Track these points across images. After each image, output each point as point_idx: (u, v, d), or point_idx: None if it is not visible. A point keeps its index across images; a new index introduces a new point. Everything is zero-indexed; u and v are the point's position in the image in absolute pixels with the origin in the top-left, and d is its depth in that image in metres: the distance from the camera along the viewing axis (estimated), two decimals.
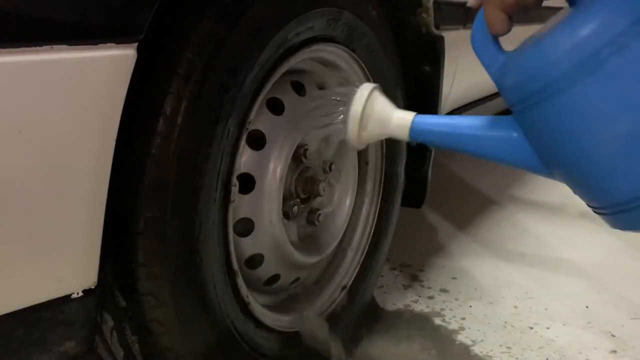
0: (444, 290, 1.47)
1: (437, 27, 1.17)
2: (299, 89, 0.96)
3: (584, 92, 0.57)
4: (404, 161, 1.23)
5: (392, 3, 1.13)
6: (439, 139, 0.70)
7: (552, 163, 0.63)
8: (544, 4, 0.63)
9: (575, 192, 0.65)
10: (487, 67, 0.66)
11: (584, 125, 0.58)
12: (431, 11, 1.14)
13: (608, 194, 0.61)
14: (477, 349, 1.23)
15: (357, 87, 0.72)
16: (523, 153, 0.64)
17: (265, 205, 0.87)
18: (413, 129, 0.69)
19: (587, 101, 0.57)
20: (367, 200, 1.17)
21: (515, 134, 0.64)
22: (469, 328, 1.31)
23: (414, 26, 1.16)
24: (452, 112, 1.46)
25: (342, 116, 0.72)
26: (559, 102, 0.58)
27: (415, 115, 0.70)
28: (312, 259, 1.01)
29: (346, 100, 0.72)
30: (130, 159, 0.66)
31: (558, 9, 0.65)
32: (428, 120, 0.70)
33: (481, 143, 0.67)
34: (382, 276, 1.38)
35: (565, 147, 0.60)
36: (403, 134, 0.70)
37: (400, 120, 0.70)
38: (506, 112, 0.67)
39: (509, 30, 0.62)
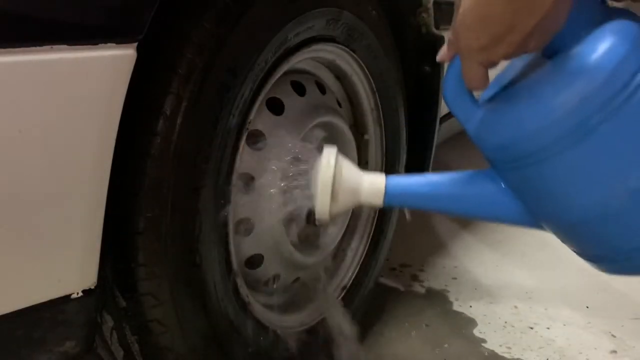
0: (444, 291, 1.47)
1: (437, 27, 1.17)
2: (299, 89, 0.96)
3: (572, 159, 0.54)
4: (404, 161, 1.23)
5: (392, 3, 1.13)
6: (416, 202, 0.65)
7: (540, 219, 0.61)
8: None
9: (569, 246, 0.63)
10: (463, 123, 0.62)
11: (573, 189, 0.56)
12: (431, 11, 1.14)
13: (598, 247, 0.59)
14: (477, 349, 1.23)
15: (318, 153, 0.64)
16: (508, 208, 0.61)
17: (265, 205, 0.87)
18: (388, 194, 0.64)
19: (576, 167, 0.54)
20: None
21: (497, 189, 0.61)
22: (468, 328, 1.31)
23: (414, 26, 1.16)
24: None
25: (306, 189, 0.66)
26: (546, 167, 0.55)
27: (386, 179, 0.64)
28: (312, 259, 1.01)
29: (307, 168, 0.65)
30: (130, 159, 0.66)
31: None
32: (402, 182, 0.65)
33: (463, 202, 0.63)
34: (382, 276, 1.38)
35: (554, 208, 0.58)
36: (377, 201, 0.64)
37: (372, 186, 0.64)
38: None
39: (486, 86, 0.59)
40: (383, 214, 1.20)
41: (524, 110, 0.56)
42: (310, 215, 1.00)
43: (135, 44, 0.59)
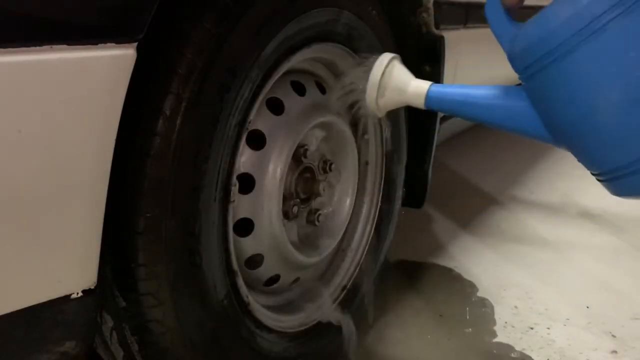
0: (444, 291, 1.47)
1: (437, 27, 1.17)
2: (299, 89, 0.96)
3: (584, 58, 0.59)
4: (404, 161, 1.23)
5: (392, 3, 1.13)
6: (453, 107, 0.74)
7: (556, 130, 0.66)
8: None
9: (578, 159, 0.67)
10: (498, 38, 0.69)
11: (584, 91, 0.61)
12: (431, 11, 1.14)
13: (607, 158, 0.63)
14: (477, 349, 1.23)
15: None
16: (531, 122, 0.67)
17: (265, 205, 0.87)
18: (429, 97, 0.73)
19: (587, 67, 0.60)
20: (367, 200, 1.17)
21: (523, 104, 0.67)
22: (468, 328, 1.31)
23: (414, 26, 1.16)
24: None
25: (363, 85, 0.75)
26: (561, 67, 0.61)
27: (430, 85, 0.74)
28: (312, 259, 1.01)
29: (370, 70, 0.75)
30: (130, 159, 0.66)
31: None
32: (444, 89, 0.74)
33: (493, 112, 0.71)
34: (381, 276, 1.38)
35: (568, 112, 0.63)
36: (419, 102, 0.74)
37: (417, 88, 0.74)
38: None
39: (521, 2, 0.66)
40: (383, 215, 1.20)
41: (545, 13, 0.63)
42: (310, 215, 1.01)
43: (135, 44, 0.59)
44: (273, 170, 0.87)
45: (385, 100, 0.74)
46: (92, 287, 0.64)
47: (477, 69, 1.44)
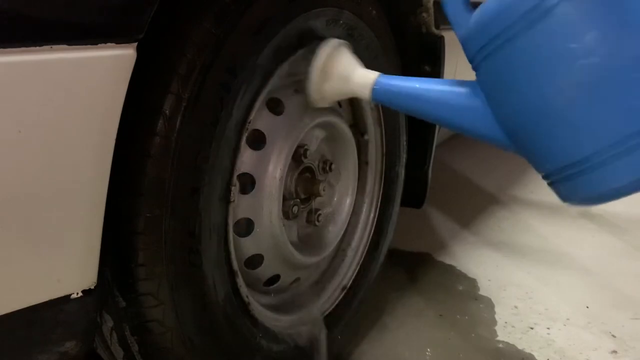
0: (443, 291, 1.47)
1: (437, 27, 1.17)
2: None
3: (535, 38, 0.58)
4: (404, 161, 1.23)
5: (392, 3, 1.13)
6: (401, 101, 0.68)
7: (507, 123, 0.63)
8: None
9: (529, 160, 0.64)
10: (455, 26, 0.66)
11: (534, 73, 0.59)
12: (431, 11, 1.14)
13: (556, 155, 0.61)
14: (477, 350, 1.23)
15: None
16: (483, 119, 0.64)
17: (265, 205, 0.87)
18: (376, 89, 0.68)
19: (538, 47, 0.58)
20: (367, 200, 1.17)
21: (477, 100, 0.64)
22: (468, 328, 1.31)
23: (414, 26, 1.16)
24: None
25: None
26: (513, 48, 0.59)
27: (378, 75, 0.68)
28: (312, 259, 1.01)
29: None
30: (130, 159, 0.66)
31: None
32: (392, 80, 0.68)
33: (444, 108, 0.66)
34: (381, 276, 1.38)
35: (518, 99, 0.60)
36: (365, 93, 0.68)
37: (362, 78, 0.68)
38: None
39: None
40: (383, 215, 1.20)
41: (495, 2, 0.61)
42: (310, 215, 1.01)
43: (135, 44, 0.59)
44: (273, 170, 0.87)
45: (328, 89, 0.68)
46: (92, 287, 0.64)
47: None
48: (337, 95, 0.71)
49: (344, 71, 0.68)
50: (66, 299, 0.62)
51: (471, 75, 1.44)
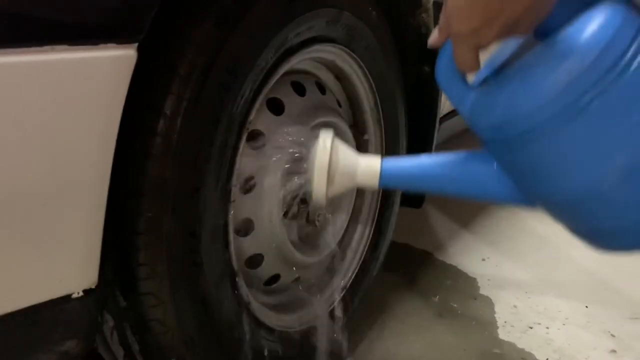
0: (443, 291, 1.47)
1: None
2: (299, 89, 0.96)
3: (566, 137, 0.55)
4: None
5: (392, 3, 1.13)
6: (412, 183, 0.66)
7: (533, 198, 0.61)
8: None
9: (556, 221, 0.63)
10: (456, 105, 0.63)
11: (567, 167, 0.57)
12: (431, 11, 1.14)
13: (590, 226, 0.60)
14: (476, 349, 1.23)
15: (315, 137, 0.65)
16: (502, 187, 0.62)
17: (265, 205, 0.87)
18: (383, 176, 0.65)
19: (569, 144, 0.55)
20: (367, 200, 1.17)
21: (491, 169, 0.62)
22: (468, 328, 1.31)
23: (414, 26, 1.16)
24: (453, 112, 1.46)
25: (306, 173, 0.66)
26: (540, 145, 0.56)
27: (382, 161, 0.65)
28: (312, 259, 1.01)
29: (306, 154, 0.65)
30: (130, 159, 0.66)
31: None
32: (397, 164, 0.66)
33: (456, 183, 0.64)
34: (381, 276, 1.38)
35: (548, 186, 0.58)
36: (372, 183, 0.65)
37: (367, 169, 0.65)
38: None
39: (478, 69, 0.60)
40: (383, 214, 1.20)
41: (517, 90, 0.57)
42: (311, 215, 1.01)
43: (136, 44, 0.59)
44: (273, 170, 0.87)
45: (334, 188, 0.65)
46: (93, 287, 0.65)
47: None
48: (342, 191, 0.67)
49: (347, 169, 0.65)
50: (67, 298, 0.63)
51: None
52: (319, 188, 0.64)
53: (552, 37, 0.57)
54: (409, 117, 1.21)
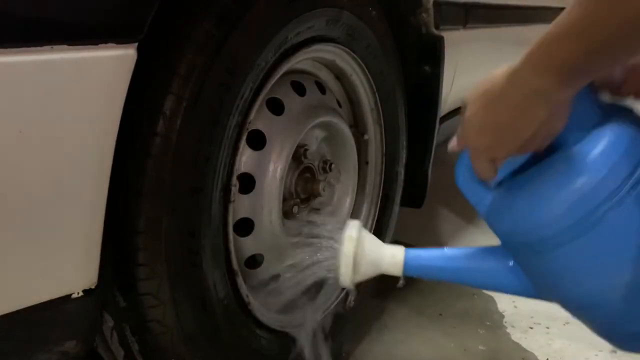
0: (443, 291, 1.47)
1: (437, 27, 1.17)
2: (299, 89, 0.96)
3: (582, 246, 0.57)
4: (404, 161, 1.23)
5: (392, 3, 1.13)
6: (433, 273, 0.70)
7: (549, 297, 0.65)
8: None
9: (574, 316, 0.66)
10: (475, 206, 0.66)
11: (584, 274, 0.59)
12: (431, 11, 1.14)
13: (606, 329, 0.62)
14: (476, 349, 1.23)
15: (343, 226, 0.70)
16: (519, 284, 0.65)
17: (265, 205, 0.87)
18: (407, 266, 0.69)
19: (587, 253, 0.57)
20: (367, 200, 1.17)
21: (508, 266, 0.65)
22: (468, 328, 1.31)
23: (414, 26, 1.16)
24: (452, 112, 1.46)
25: (333, 262, 0.70)
26: (555, 254, 0.58)
27: (405, 252, 0.69)
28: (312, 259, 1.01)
29: (335, 243, 0.70)
30: (130, 159, 0.66)
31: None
32: (419, 255, 0.70)
33: (476, 275, 0.68)
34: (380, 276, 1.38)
35: (563, 290, 0.61)
36: (396, 271, 0.69)
37: (392, 258, 0.69)
38: None
39: (494, 177, 0.63)
40: (383, 214, 1.20)
41: (530, 203, 0.60)
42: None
43: (136, 44, 0.59)
44: (273, 170, 0.87)
45: (360, 275, 0.69)
46: (93, 287, 0.65)
47: (477, 70, 1.44)
48: (368, 277, 0.71)
49: (372, 259, 0.69)
50: (67, 298, 0.63)
51: (471, 76, 1.44)
52: (346, 276, 0.68)
53: (563, 153, 0.59)
54: (409, 117, 1.21)
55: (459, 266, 0.68)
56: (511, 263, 0.64)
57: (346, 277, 0.68)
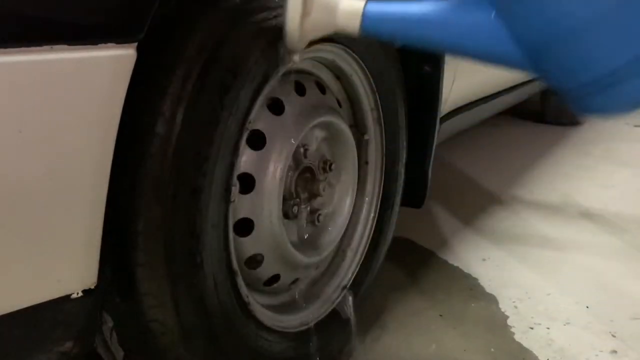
0: (443, 291, 1.47)
1: None
2: (299, 89, 0.96)
3: None
4: (404, 161, 1.23)
5: None
6: (396, 28, 0.60)
7: (527, 36, 0.56)
8: None
9: (554, 78, 0.57)
10: None
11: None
12: None
13: (582, 70, 0.54)
14: (477, 349, 1.23)
15: None
16: (495, 36, 0.56)
17: (265, 205, 0.87)
18: (367, 16, 0.58)
19: None
20: (367, 200, 1.17)
21: (485, 14, 0.56)
22: (468, 328, 1.31)
23: None
24: (452, 112, 1.46)
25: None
26: None
27: (367, 2, 0.59)
28: (312, 259, 1.01)
29: None
30: (130, 159, 0.66)
31: None
32: (384, 6, 0.59)
33: (449, 30, 0.58)
34: (380, 276, 1.38)
35: (541, 18, 0.53)
36: (353, 25, 0.59)
37: (350, 7, 0.58)
38: (508, 112, 0.64)
39: None
40: (383, 214, 1.20)
41: None
42: (311, 215, 1.01)
43: (136, 44, 0.59)
44: (273, 170, 0.87)
45: (310, 24, 0.57)
46: (93, 287, 0.65)
47: (478, 70, 1.44)
48: (319, 30, 0.60)
49: (326, 3, 0.57)
50: (66, 298, 0.63)
51: (471, 76, 1.44)
52: (292, 19, 0.58)
53: None
54: (409, 117, 1.21)
55: (431, 18, 0.58)
56: (492, 16, 0.56)
57: (293, 24, 0.58)
